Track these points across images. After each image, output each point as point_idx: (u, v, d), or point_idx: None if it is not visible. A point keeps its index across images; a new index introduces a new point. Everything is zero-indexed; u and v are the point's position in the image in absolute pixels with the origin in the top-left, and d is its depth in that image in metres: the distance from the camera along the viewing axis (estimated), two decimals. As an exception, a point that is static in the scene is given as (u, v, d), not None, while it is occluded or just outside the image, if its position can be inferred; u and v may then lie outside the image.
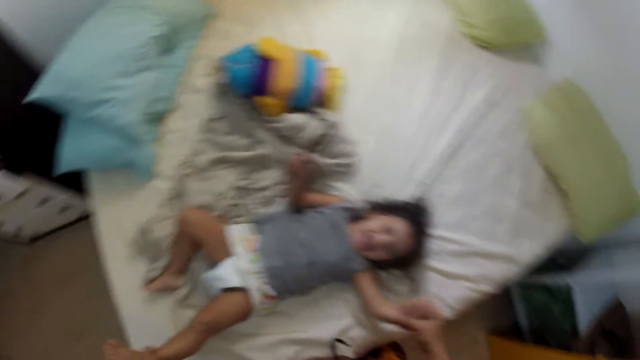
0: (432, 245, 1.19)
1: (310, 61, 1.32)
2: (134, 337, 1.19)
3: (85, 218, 2.14)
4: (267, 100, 1.24)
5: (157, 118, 1.39)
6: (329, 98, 1.34)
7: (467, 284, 1.20)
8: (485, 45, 1.51)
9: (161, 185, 1.33)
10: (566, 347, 1.44)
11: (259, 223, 1.19)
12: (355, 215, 1.16)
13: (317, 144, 1.26)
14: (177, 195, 1.29)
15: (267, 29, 1.50)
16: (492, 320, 1.94)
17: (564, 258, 1.64)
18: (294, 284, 1.10)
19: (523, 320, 1.77)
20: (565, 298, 1.51)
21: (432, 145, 1.35)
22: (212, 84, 1.37)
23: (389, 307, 1.05)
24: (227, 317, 1.05)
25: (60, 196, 1.82)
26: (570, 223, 1.34)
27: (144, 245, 1.27)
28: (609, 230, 1.38)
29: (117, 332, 1.22)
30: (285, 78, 1.24)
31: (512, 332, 1.82)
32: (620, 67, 1.31)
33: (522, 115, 1.43)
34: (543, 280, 1.61)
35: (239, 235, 1.14)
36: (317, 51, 1.40)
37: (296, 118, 1.24)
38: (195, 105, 1.39)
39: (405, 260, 1.14)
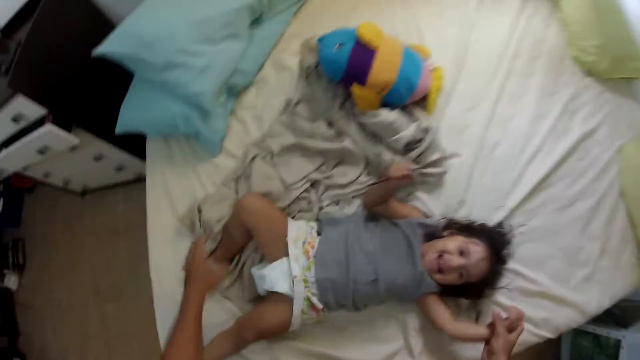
0: (504, 278, 1.08)
1: (413, 57, 1.16)
2: (159, 314, 1.15)
3: (143, 179, 2.18)
4: (363, 91, 1.10)
5: (234, 91, 1.30)
6: (427, 100, 1.18)
7: (530, 326, 1.08)
8: (590, 72, 1.35)
9: (226, 163, 1.24)
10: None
11: (326, 224, 1.08)
12: (432, 233, 1.04)
13: (410, 149, 1.11)
14: (242, 177, 1.18)
15: (370, 14, 1.37)
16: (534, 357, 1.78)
17: (621, 310, 1.51)
18: (348, 299, 0.99)
19: (565, 364, 1.67)
20: (611, 353, 1.44)
21: (532, 172, 1.19)
22: (302, 64, 1.26)
23: (467, 325, 1.01)
24: (268, 328, 1.00)
25: (116, 155, 1.80)
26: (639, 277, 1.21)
27: (193, 224, 1.18)
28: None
29: (148, 303, 1.19)
30: (386, 70, 1.09)
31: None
32: None
33: (618, 154, 1.28)
34: (595, 328, 1.50)
35: (300, 234, 1.04)
36: (421, 47, 1.25)
37: (392, 116, 1.09)
38: (279, 84, 1.28)
39: (475, 288, 1.02)
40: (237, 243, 1.13)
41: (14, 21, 1.44)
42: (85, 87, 1.58)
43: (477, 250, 0.97)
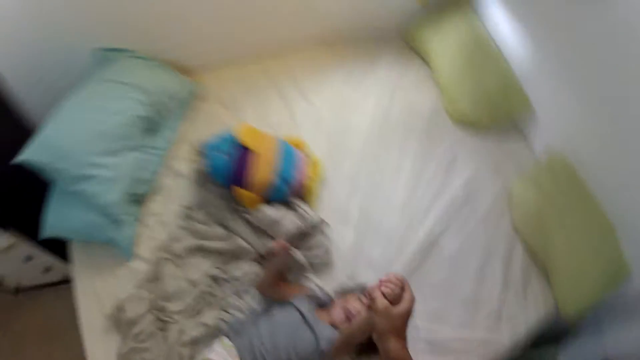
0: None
1: (290, 152, 1.36)
2: None
3: (68, 281, 2.14)
4: (244, 192, 1.28)
5: (138, 199, 1.43)
6: (307, 190, 1.36)
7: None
8: (471, 125, 1.52)
9: (139, 267, 1.36)
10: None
11: (233, 336, 1.17)
12: (321, 303, 1.18)
13: (293, 237, 1.29)
14: (154, 278, 1.31)
15: (250, 112, 1.54)
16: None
17: (553, 331, 1.56)
18: None
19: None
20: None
21: (412, 236, 1.34)
22: (193, 169, 1.41)
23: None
24: None
25: (44, 257, 1.84)
26: (552, 301, 1.33)
27: (118, 322, 1.29)
28: (593, 304, 1.31)
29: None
30: (263, 171, 1.28)
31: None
32: (607, 136, 1.27)
33: (505, 196, 1.42)
34: (531, 354, 1.51)
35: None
36: (297, 140, 1.44)
37: (271, 212, 1.28)
38: (176, 190, 1.43)
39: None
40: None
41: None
42: (15, 190, 1.61)
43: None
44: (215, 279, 1.28)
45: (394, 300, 0.79)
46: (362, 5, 1.64)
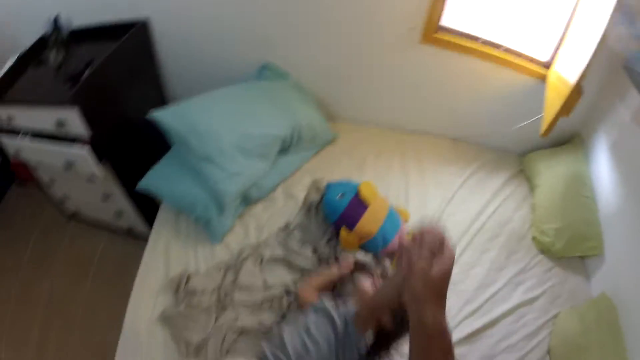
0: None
1: (395, 218, 1.48)
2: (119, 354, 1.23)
3: (132, 235, 2.19)
4: (349, 235, 1.39)
5: (247, 200, 1.56)
6: (395, 256, 1.46)
7: None
8: (546, 250, 1.59)
9: (220, 253, 1.45)
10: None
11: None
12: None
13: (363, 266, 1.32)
14: (232, 266, 1.39)
15: (373, 172, 1.71)
16: None
17: None
18: None
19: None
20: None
21: (464, 325, 1.37)
22: (307, 198, 1.55)
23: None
24: None
25: (123, 203, 1.89)
26: None
27: (178, 287, 1.34)
28: None
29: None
30: (371, 223, 1.40)
31: None
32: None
33: (552, 320, 1.45)
34: None
35: None
36: (404, 211, 1.57)
37: (363, 258, 1.37)
38: (283, 207, 1.57)
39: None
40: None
41: (83, 32, 1.66)
42: (129, 132, 1.75)
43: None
44: (288, 292, 1.34)
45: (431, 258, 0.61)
46: (493, 125, 1.82)
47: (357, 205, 1.42)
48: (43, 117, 1.53)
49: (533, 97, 1.65)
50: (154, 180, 1.55)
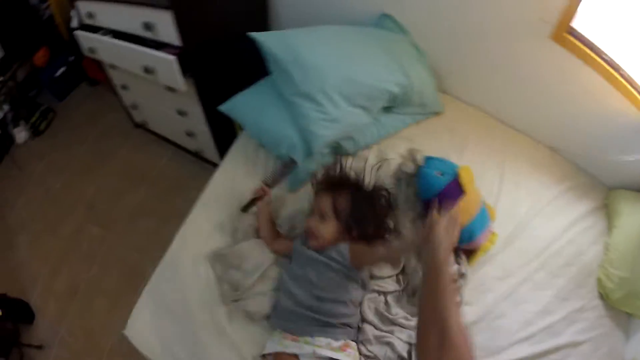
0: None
1: (485, 214, 1.34)
2: (155, 278, 1.22)
3: (198, 157, 2.15)
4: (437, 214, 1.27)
5: (337, 151, 1.44)
6: (474, 254, 1.34)
7: None
8: (604, 296, 1.46)
9: (289, 199, 1.37)
10: None
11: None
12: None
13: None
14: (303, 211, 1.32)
15: (469, 157, 1.56)
16: None
17: None
18: None
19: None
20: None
21: (514, 350, 1.28)
22: (401, 167, 1.43)
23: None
24: None
25: (199, 123, 1.81)
26: None
27: (241, 211, 1.29)
28: None
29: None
30: (463, 214, 1.25)
31: None
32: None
33: None
34: None
35: None
36: (492, 210, 1.43)
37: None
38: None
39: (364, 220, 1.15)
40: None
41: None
42: (223, 52, 1.63)
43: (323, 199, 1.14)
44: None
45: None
46: (589, 147, 1.65)
47: (455, 189, 1.28)
48: (130, 17, 1.44)
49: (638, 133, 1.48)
50: (241, 105, 1.45)
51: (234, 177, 1.42)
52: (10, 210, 2.16)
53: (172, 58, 1.46)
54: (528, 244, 1.44)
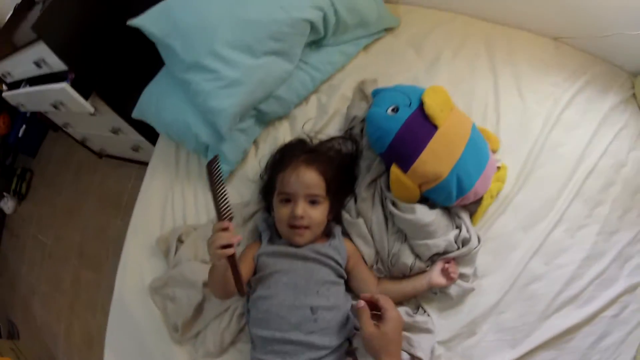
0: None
1: (481, 149, 0.93)
2: (110, 329, 1.03)
3: None
4: (402, 177, 0.88)
5: (264, 119, 1.12)
6: (479, 205, 0.95)
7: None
8: None
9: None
10: None
11: None
12: None
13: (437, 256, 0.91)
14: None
15: (446, 74, 1.16)
16: None
17: None
18: None
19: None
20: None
21: (558, 320, 0.99)
22: (349, 111, 1.08)
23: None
24: None
25: (133, 135, 1.69)
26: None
27: (167, 251, 1.04)
28: None
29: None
30: (438, 160, 0.86)
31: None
32: None
33: None
34: None
35: None
36: (494, 137, 1.02)
37: (429, 216, 0.88)
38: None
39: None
40: None
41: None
42: (116, 59, 1.47)
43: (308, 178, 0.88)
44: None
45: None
46: (608, 24, 1.18)
47: (420, 125, 0.88)
48: (26, 61, 1.42)
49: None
50: (145, 105, 1.19)
51: (160, 189, 1.17)
52: (20, 279, 2.28)
53: (62, 85, 1.37)
54: (551, 171, 1.07)
